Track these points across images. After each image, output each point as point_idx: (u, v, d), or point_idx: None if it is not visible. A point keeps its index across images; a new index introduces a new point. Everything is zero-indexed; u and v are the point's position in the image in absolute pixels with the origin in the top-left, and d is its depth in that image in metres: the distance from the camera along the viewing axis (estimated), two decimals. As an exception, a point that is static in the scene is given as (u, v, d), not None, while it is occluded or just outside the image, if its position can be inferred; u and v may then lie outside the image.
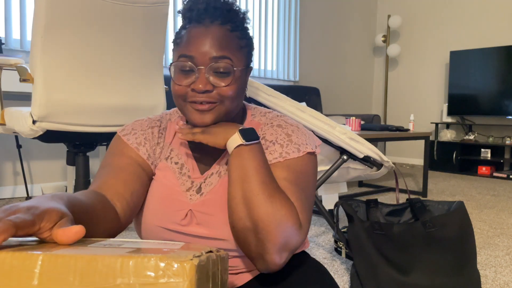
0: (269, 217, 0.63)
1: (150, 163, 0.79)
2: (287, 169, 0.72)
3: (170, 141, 0.82)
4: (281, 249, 0.63)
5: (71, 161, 1.81)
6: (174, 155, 0.81)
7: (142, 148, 0.78)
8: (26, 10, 2.84)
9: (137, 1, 1.61)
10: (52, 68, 1.50)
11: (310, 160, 0.76)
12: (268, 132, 0.78)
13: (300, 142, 0.76)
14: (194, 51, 0.69)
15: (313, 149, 0.77)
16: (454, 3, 5.11)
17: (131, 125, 0.82)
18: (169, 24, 3.61)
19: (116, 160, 0.76)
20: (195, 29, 0.70)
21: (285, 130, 0.77)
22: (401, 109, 5.68)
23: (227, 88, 0.70)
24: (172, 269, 0.38)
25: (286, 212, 0.64)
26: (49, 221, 0.44)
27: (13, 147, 2.88)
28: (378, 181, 3.95)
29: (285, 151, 0.74)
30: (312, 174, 0.76)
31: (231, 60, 0.70)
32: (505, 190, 3.61)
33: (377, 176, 2.00)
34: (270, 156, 0.74)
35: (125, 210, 0.71)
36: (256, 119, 0.83)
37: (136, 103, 1.75)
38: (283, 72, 4.64)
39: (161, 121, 0.84)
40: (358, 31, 5.61)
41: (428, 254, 1.36)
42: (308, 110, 1.70)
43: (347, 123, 3.10)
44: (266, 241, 0.63)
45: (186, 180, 0.78)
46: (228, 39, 0.70)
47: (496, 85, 4.51)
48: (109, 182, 0.71)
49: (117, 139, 0.80)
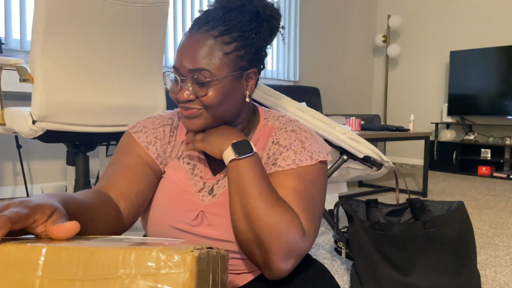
0: (270, 228, 0.64)
1: (159, 162, 0.79)
2: (298, 178, 0.73)
3: (182, 140, 0.82)
4: (286, 258, 0.64)
5: (71, 161, 1.81)
6: (186, 155, 0.81)
7: (151, 147, 0.78)
8: (26, 10, 2.84)
9: (137, 1, 1.61)
10: (52, 68, 1.50)
11: (321, 169, 0.77)
12: (282, 137, 0.79)
13: (313, 150, 0.76)
14: (177, 63, 0.72)
15: (325, 157, 0.78)
16: (454, 3, 5.11)
17: (142, 123, 0.82)
18: (169, 24, 3.61)
19: (124, 158, 0.76)
20: (184, 38, 0.73)
21: (299, 136, 0.78)
22: (401, 109, 5.68)
23: (205, 97, 0.71)
24: (173, 260, 0.38)
25: (286, 222, 0.65)
26: (43, 213, 0.44)
27: (13, 147, 2.88)
28: (378, 181, 3.95)
29: (299, 158, 0.75)
30: (322, 183, 0.76)
31: (208, 71, 0.69)
32: (505, 190, 3.61)
33: (377, 176, 2.00)
34: (284, 162, 0.74)
35: (129, 210, 0.71)
36: (270, 123, 0.83)
37: (136, 103, 1.75)
38: (283, 72, 4.64)
39: (173, 119, 0.84)
40: (358, 31, 5.61)
41: (428, 254, 1.36)
42: (308, 110, 1.70)
43: (347, 123, 3.10)
44: (269, 252, 0.64)
45: (198, 180, 0.79)
46: (208, 48, 0.69)
47: (496, 85, 4.51)
48: (115, 181, 0.72)
49: (128, 136, 0.80)
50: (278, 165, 0.75)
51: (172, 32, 3.64)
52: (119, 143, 0.81)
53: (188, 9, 3.75)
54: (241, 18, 0.72)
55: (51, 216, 0.45)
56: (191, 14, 3.77)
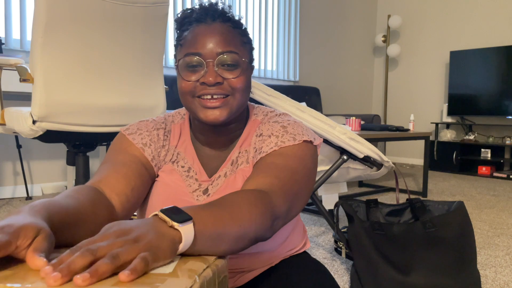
0: (246, 238, 0.57)
1: (153, 164, 0.79)
2: (279, 155, 0.71)
3: (176, 144, 0.82)
4: (268, 231, 0.60)
5: (71, 161, 1.81)
6: (180, 158, 0.81)
7: (147, 149, 0.78)
8: (26, 10, 2.84)
9: (137, 1, 1.61)
10: (52, 68, 1.50)
11: (307, 148, 0.74)
12: (264, 128, 0.79)
13: (296, 132, 0.75)
14: (201, 48, 0.71)
15: (310, 139, 0.76)
16: (454, 3, 5.11)
17: (136, 125, 0.81)
18: (169, 24, 3.61)
19: (119, 156, 0.76)
20: (198, 28, 0.72)
21: (281, 124, 0.77)
22: (401, 109, 5.68)
23: (236, 80, 0.71)
24: None
25: (250, 225, 0.56)
26: (26, 237, 0.43)
27: (13, 147, 2.88)
28: (378, 181, 3.95)
29: (281, 140, 0.74)
30: (309, 159, 0.73)
31: (238, 54, 0.72)
32: (505, 190, 3.61)
33: (377, 176, 2.00)
34: (266, 147, 0.73)
35: (124, 205, 0.70)
36: (259, 118, 0.83)
37: (136, 103, 1.75)
38: (283, 72, 4.64)
39: (165, 124, 0.84)
40: (358, 31, 5.61)
41: (428, 254, 1.36)
42: (308, 110, 1.70)
43: (347, 123, 3.10)
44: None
45: (193, 182, 0.79)
46: (232, 35, 0.73)
47: (496, 85, 4.51)
48: (109, 177, 0.71)
49: (121, 137, 0.80)
50: (262, 151, 0.74)
51: (172, 32, 3.64)
52: (111, 144, 0.80)
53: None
54: (239, 19, 0.77)
55: (35, 237, 0.43)
56: (191, 14, 3.77)
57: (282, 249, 0.83)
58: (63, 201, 0.57)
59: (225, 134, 0.80)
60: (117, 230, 0.44)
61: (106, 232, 0.44)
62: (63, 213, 0.54)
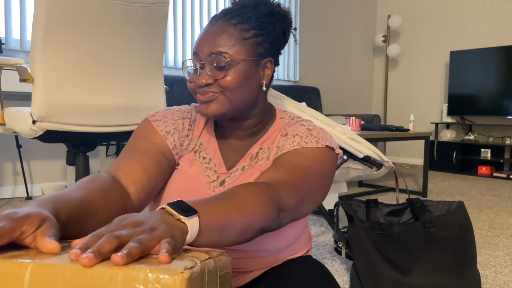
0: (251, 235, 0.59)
1: (174, 153, 0.80)
2: (299, 154, 0.73)
3: (199, 135, 0.84)
4: (274, 222, 0.62)
5: (71, 161, 1.81)
6: (203, 149, 0.82)
7: (170, 137, 0.79)
8: (26, 10, 2.83)
9: (137, 1, 1.61)
10: (52, 68, 1.50)
11: (328, 153, 0.76)
12: (290, 129, 0.81)
13: (320, 137, 0.77)
14: (197, 48, 0.75)
15: (333, 146, 0.78)
16: (454, 3, 5.11)
17: (162, 112, 0.83)
18: (169, 24, 3.61)
19: (140, 144, 0.77)
20: (203, 31, 0.76)
21: (307, 127, 0.80)
22: (401, 109, 5.68)
23: (224, 80, 0.73)
24: (161, 281, 0.37)
25: (255, 216, 0.57)
26: (31, 224, 0.43)
27: (13, 147, 2.88)
28: (378, 181, 3.95)
29: (304, 140, 0.76)
30: (327, 163, 0.75)
31: (227, 53, 0.73)
32: (505, 190, 3.61)
33: (377, 176, 2.00)
34: (289, 145, 0.76)
35: (140, 194, 0.71)
36: (285, 120, 0.85)
37: (136, 103, 1.75)
38: (283, 72, 4.64)
39: (191, 113, 0.85)
40: (358, 31, 5.61)
41: (428, 254, 1.36)
42: (308, 110, 1.70)
43: (347, 123, 3.10)
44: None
45: (212, 174, 0.80)
46: (227, 33, 0.73)
47: (496, 85, 4.51)
48: (128, 165, 0.72)
49: (146, 123, 0.81)
50: (284, 149, 0.76)
51: (172, 32, 3.64)
52: (135, 130, 0.81)
53: (188, 9, 3.75)
54: (257, 12, 0.76)
55: (40, 225, 0.44)
56: (191, 14, 3.77)
57: (286, 253, 0.83)
58: (71, 194, 0.57)
59: (241, 129, 0.82)
60: (131, 221, 0.45)
61: (120, 223, 0.45)
62: (70, 207, 0.54)
